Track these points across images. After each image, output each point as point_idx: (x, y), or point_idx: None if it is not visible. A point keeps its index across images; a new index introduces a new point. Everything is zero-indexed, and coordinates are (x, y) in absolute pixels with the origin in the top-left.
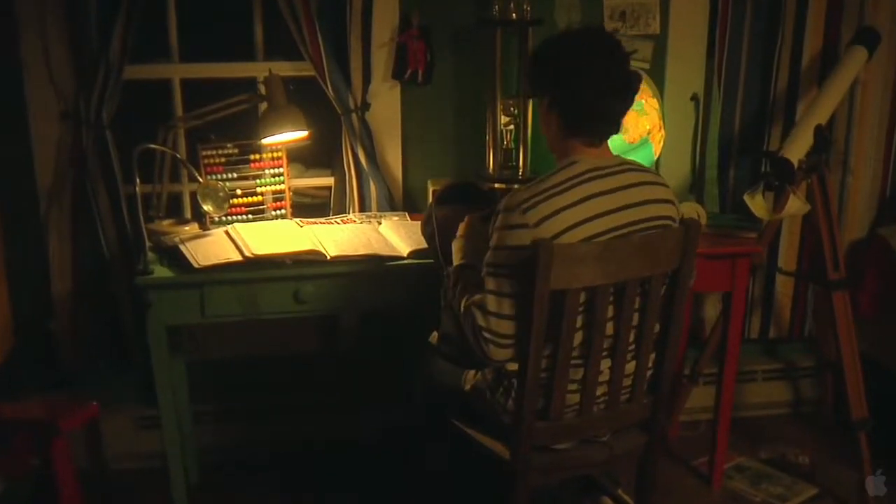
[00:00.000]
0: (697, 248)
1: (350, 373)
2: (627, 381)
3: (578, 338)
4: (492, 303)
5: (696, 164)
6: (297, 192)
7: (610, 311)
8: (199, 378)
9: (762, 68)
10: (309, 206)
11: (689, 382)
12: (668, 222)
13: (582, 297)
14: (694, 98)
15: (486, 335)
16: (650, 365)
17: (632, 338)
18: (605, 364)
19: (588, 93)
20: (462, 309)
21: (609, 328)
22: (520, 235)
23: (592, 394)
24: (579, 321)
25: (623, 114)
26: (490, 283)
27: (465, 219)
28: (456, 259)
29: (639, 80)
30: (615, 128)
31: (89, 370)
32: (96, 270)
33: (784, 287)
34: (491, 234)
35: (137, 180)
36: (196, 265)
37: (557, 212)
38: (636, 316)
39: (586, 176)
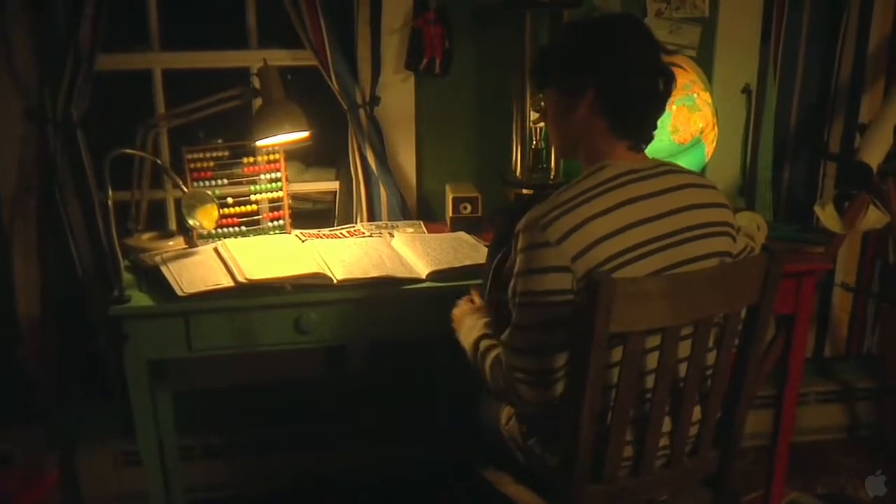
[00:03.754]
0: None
1: (358, 401)
2: (693, 431)
3: (640, 384)
4: (519, 338)
5: (747, 165)
6: (297, 198)
7: (678, 352)
8: (186, 409)
9: (823, 55)
10: (310, 214)
11: None
12: (725, 229)
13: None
14: (746, 90)
15: (518, 375)
16: (719, 412)
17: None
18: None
19: (642, 86)
20: (489, 365)
21: (677, 371)
22: (543, 256)
23: (654, 448)
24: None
25: (660, 115)
26: (518, 316)
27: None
28: (470, 337)
29: (675, 79)
30: (654, 130)
31: (63, 402)
32: (69, 291)
33: (842, 301)
34: (515, 256)
35: (110, 191)
36: (180, 293)
37: (583, 223)
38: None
39: (618, 180)
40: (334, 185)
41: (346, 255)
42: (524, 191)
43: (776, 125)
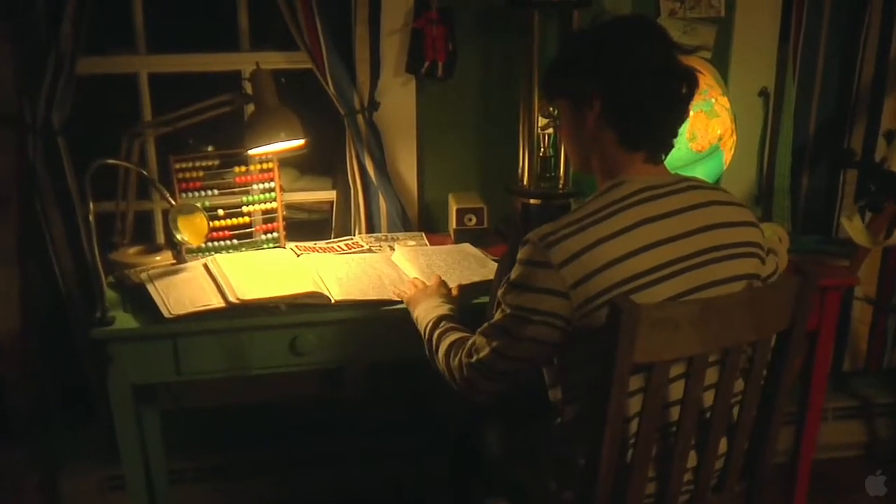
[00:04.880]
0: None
1: (356, 422)
2: (718, 464)
3: (664, 416)
4: (506, 344)
5: (764, 172)
6: (292, 207)
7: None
8: (176, 429)
9: (844, 56)
10: (306, 225)
11: None
12: (753, 250)
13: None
14: (763, 93)
15: (484, 370)
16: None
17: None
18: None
19: (654, 92)
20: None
21: (703, 401)
22: (541, 276)
23: (678, 485)
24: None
25: (681, 122)
26: (509, 323)
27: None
28: (431, 314)
29: (697, 82)
30: (674, 138)
31: (45, 422)
32: (51, 306)
33: (862, 314)
34: (514, 263)
35: (91, 205)
36: (167, 314)
37: (591, 246)
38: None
39: (636, 198)
40: (331, 195)
41: (344, 271)
42: (532, 201)
43: (794, 130)
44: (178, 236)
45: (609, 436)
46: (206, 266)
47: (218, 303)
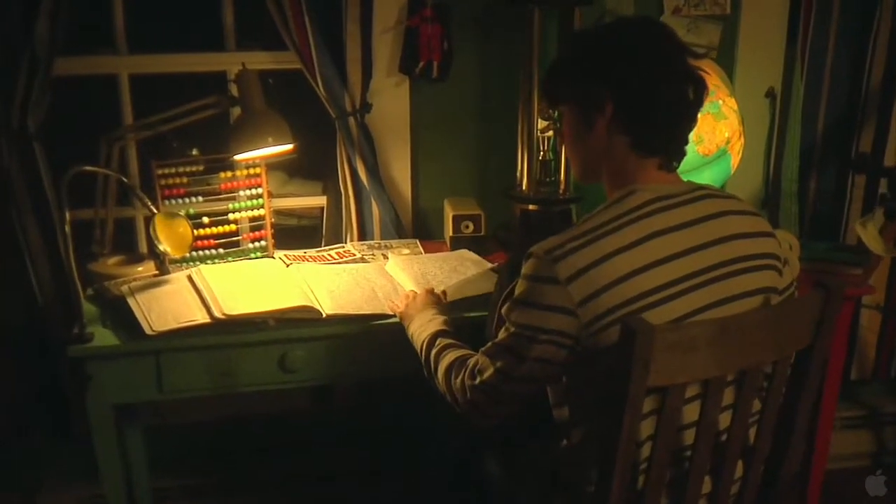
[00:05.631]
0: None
1: (347, 438)
2: (734, 489)
3: (677, 440)
4: (512, 365)
5: (770, 176)
6: (280, 213)
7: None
8: (160, 445)
9: (853, 56)
10: (295, 231)
11: None
12: (770, 262)
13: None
14: (770, 94)
15: (490, 392)
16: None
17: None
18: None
19: (668, 95)
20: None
21: (719, 423)
22: (547, 293)
23: None
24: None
25: (691, 128)
26: (514, 343)
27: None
28: (425, 331)
29: (705, 86)
30: (686, 145)
31: (22, 440)
32: (29, 318)
33: (870, 322)
34: (514, 273)
35: (67, 215)
36: (149, 331)
37: (601, 261)
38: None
39: (648, 208)
40: (321, 201)
41: (336, 283)
42: (531, 206)
43: (802, 132)
44: (161, 247)
45: (621, 462)
46: (190, 278)
47: (203, 318)
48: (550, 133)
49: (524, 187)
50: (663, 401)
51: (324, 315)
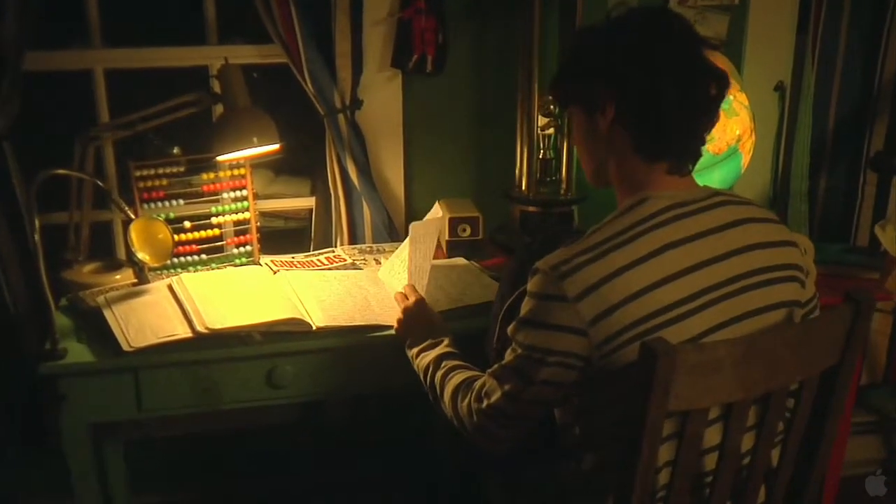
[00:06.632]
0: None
1: (337, 453)
2: None
3: (697, 465)
4: (519, 388)
5: (779, 173)
6: (267, 215)
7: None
8: (141, 460)
9: (866, 48)
10: (282, 234)
11: None
12: (793, 273)
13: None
14: (779, 87)
15: (500, 418)
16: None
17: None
18: None
19: (675, 93)
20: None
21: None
22: (555, 312)
23: None
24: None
25: (709, 127)
26: (522, 365)
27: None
28: (428, 353)
29: (727, 82)
30: (702, 146)
31: None
32: (2, 329)
33: (881, 325)
34: (515, 282)
35: (37, 223)
36: (127, 347)
37: (613, 276)
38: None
39: (662, 217)
40: (310, 202)
41: (326, 293)
42: (531, 208)
43: (812, 128)
44: (140, 255)
45: (639, 490)
46: (170, 287)
47: (184, 332)
48: (551, 130)
49: (523, 188)
50: (684, 425)
51: (314, 327)
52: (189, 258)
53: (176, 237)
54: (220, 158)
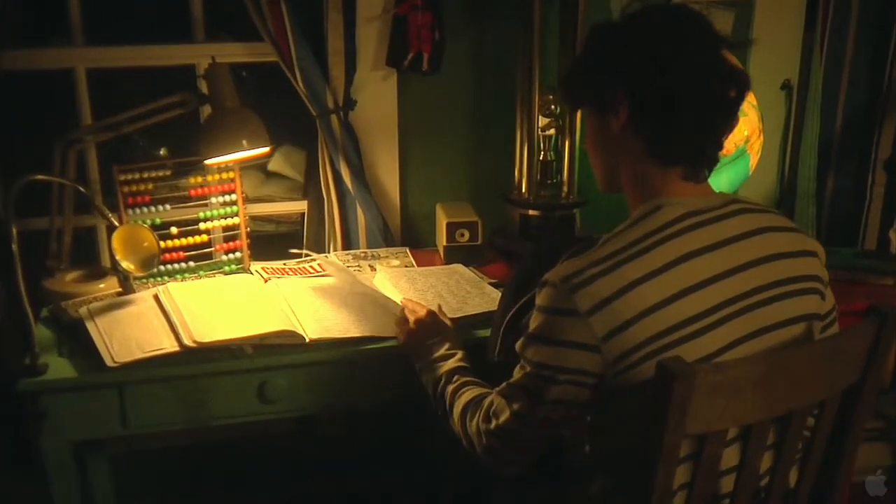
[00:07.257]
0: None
1: (331, 464)
2: None
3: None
4: (528, 406)
5: (786, 174)
6: (257, 219)
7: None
8: (129, 474)
9: (875, 46)
10: (274, 239)
11: None
12: (814, 285)
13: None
14: (786, 86)
15: (507, 438)
16: None
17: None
18: None
19: (692, 95)
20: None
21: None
22: (566, 327)
23: None
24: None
25: (728, 131)
26: (523, 379)
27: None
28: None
29: (748, 83)
30: (720, 150)
31: None
32: None
33: None
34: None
35: (14, 231)
36: (110, 363)
37: (627, 289)
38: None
39: (677, 226)
40: (302, 206)
41: (320, 302)
42: (531, 211)
43: (821, 128)
44: (124, 264)
45: None
46: (157, 298)
47: (171, 346)
48: (552, 131)
49: (523, 190)
50: (701, 446)
51: (307, 340)
52: (176, 266)
53: (162, 244)
54: (208, 162)
